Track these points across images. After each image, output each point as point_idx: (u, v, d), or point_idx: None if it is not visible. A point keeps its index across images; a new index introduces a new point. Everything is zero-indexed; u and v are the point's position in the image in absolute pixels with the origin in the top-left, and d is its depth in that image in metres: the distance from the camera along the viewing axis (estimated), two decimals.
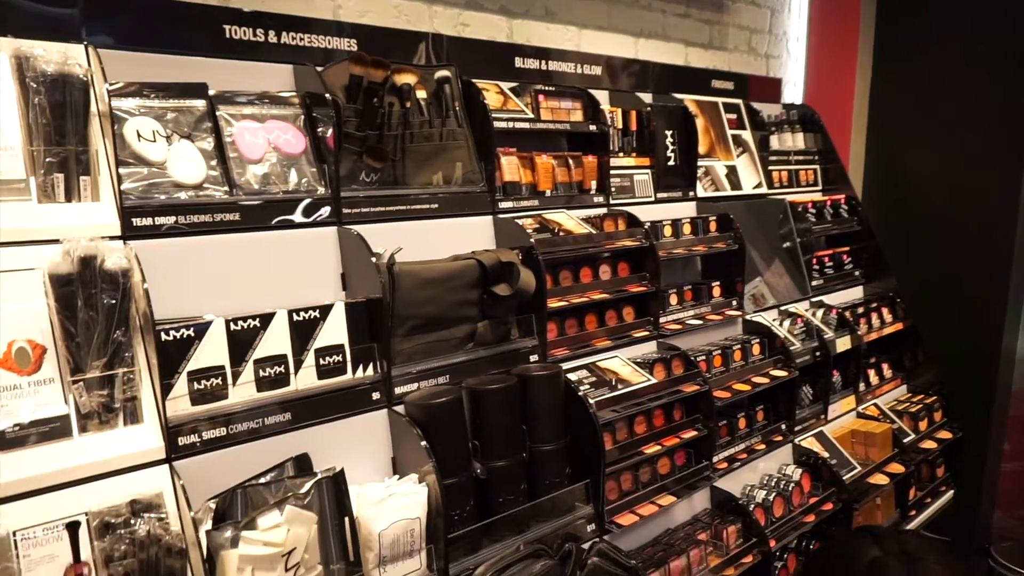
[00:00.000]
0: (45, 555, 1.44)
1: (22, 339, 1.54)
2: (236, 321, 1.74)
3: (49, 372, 1.55)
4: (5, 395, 1.50)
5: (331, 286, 2.07)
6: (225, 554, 1.52)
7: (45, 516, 1.46)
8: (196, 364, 1.67)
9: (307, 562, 1.62)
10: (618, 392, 2.38)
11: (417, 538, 1.82)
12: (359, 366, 1.93)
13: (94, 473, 1.53)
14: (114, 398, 1.58)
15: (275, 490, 1.66)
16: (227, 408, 1.70)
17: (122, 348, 1.59)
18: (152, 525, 1.48)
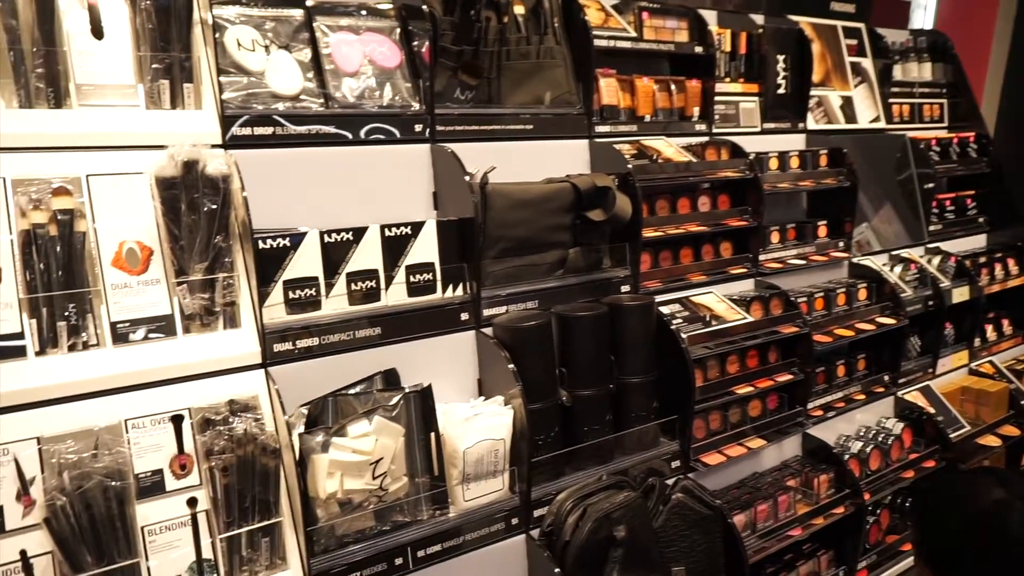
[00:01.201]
0: (153, 444, 1.52)
1: (132, 240, 1.60)
2: (330, 234, 1.74)
3: (156, 273, 1.61)
4: (117, 293, 1.56)
5: (423, 204, 2.04)
6: (316, 457, 1.56)
7: (152, 408, 1.53)
8: (291, 274, 1.69)
9: (393, 472, 1.64)
10: (712, 328, 2.28)
11: (501, 459, 1.82)
12: (448, 286, 1.91)
13: (196, 372, 1.59)
14: (215, 302, 1.62)
15: (364, 401, 1.68)
16: (320, 319, 1.72)
17: (222, 253, 1.62)
18: (248, 424, 1.53)
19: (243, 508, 1.52)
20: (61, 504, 1.36)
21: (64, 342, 1.50)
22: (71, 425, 1.46)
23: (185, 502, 1.50)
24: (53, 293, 1.50)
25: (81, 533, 1.38)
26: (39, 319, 1.49)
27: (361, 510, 1.63)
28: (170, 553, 1.48)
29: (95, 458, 1.44)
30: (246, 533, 1.53)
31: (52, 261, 1.50)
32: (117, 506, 1.41)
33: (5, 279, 1.48)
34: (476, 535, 1.80)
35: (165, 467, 1.51)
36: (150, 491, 1.49)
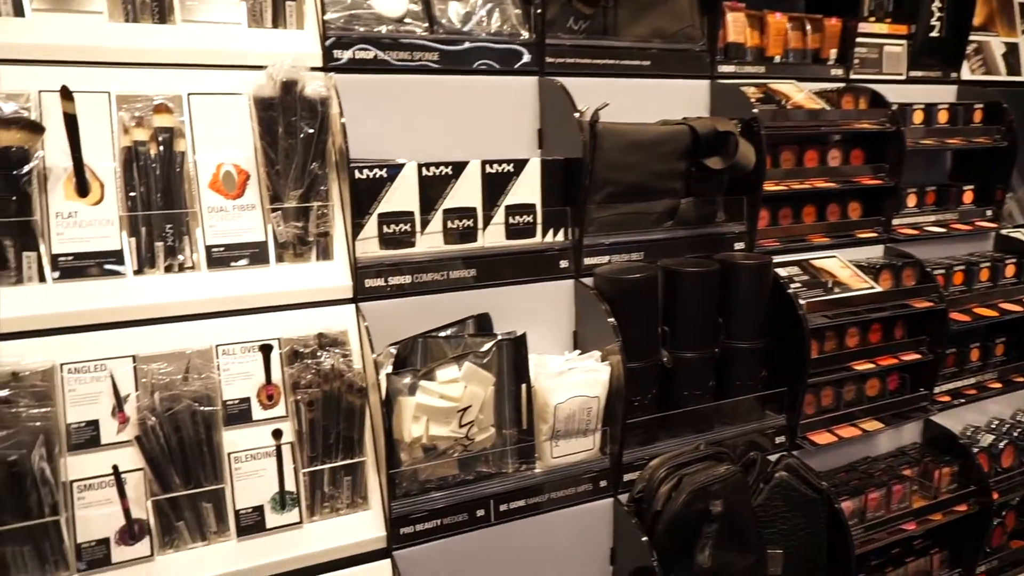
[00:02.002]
0: (242, 372, 1.49)
1: (229, 163, 1.55)
2: (428, 167, 1.64)
3: (251, 199, 1.56)
4: (213, 216, 1.53)
5: (526, 141, 1.91)
6: (403, 400, 1.50)
7: (242, 336, 1.50)
8: (387, 207, 1.61)
9: (481, 422, 1.56)
10: (833, 296, 2.07)
11: (593, 418, 1.70)
12: (549, 230, 1.79)
13: (287, 302, 1.55)
14: (308, 231, 1.56)
15: (454, 345, 1.60)
16: (413, 256, 1.64)
17: (317, 181, 1.56)
18: (336, 360, 1.48)
19: (327, 444, 1.48)
20: (152, 424, 1.35)
21: (161, 263, 1.48)
22: (164, 346, 1.45)
23: (271, 433, 1.47)
24: (152, 212, 1.47)
25: (170, 454, 1.37)
26: (138, 238, 1.47)
27: (445, 457, 1.57)
28: (254, 481, 1.46)
29: (186, 381, 1.42)
30: (329, 470, 1.49)
31: (152, 180, 1.48)
32: (204, 431, 1.40)
33: (107, 196, 1.46)
34: (561, 494, 1.71)
35: (253, 396, 1.49)
36: (237, 419, 1.47)
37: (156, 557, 1.39)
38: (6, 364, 1.35)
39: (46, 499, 1.31)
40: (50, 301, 1.40)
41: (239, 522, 1.44)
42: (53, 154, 1.43)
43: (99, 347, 1.41)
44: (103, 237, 1.45)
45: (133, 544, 1.38)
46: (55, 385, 1.38)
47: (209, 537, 1.43)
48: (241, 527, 1.44)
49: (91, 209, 1.45)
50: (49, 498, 1.31)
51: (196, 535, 1.42)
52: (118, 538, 1.37)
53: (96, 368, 1.41)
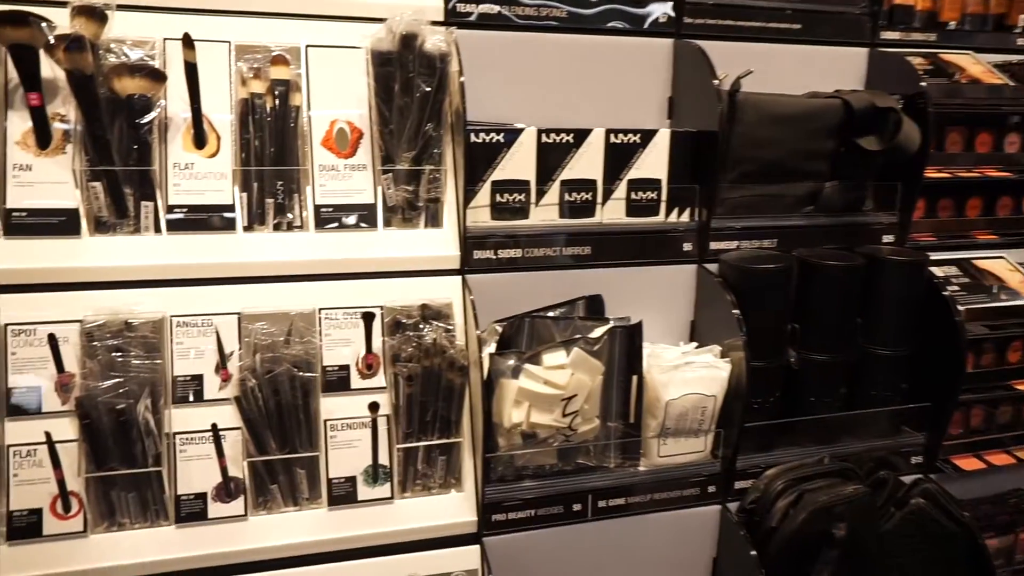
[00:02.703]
0: (343, 338, 1.45)
1: (343, 120, 1.49)
2: (548, 133, 1.52)
3: (363, 158, 1.50)
4: (324, 175, 1.48)
5: (655, 110, 1.75)
6: (505, 382, 1.41)
7: (345, 301, 1.46)
8: (502, 174, 1.51)
9: (585, 412, 1.46)
10: (998, 304, 1.80)
11: (707, 418, 1.56)
12: (674, 209, 1.63)
13: (392, 269, 1.48)
14: (418, 195, 1.49)
15: (563, 327, 1.49)
16: (526, 228, 1.54)
17: (431, 144, 1.47)
18: (439, 334, 1.41)
19: (423, 422, 1.42)
20: (251, 386, 1.33)
21: (270, 220, 1.45)
22: (269, 306, 1.42)
23: (367, 405, 1.42)
24: (265, 168, 1.44)
25: (267, 417, 1.35)
26: (250, 194, 1.44)
27: (545, 446, 1.47)
28: (348, 452, 1.42)
29: (287, 344, 1.39)
30: (423, 448, 1.43)
31: (266, 134, 1.44)
32: (302, 396, 1.37)
33: (223, 149, 1.43)
34: (666, 496, 1.59)
35: (352, 364, 1.44)
36: (335, 386, 1.43)
37: (249, 517, 1.38)
38: (121, 313, 1.36)
39: (150, 449, 1.32)
40: (164, 252, 1.39)
41: (331, 491, 1.41)
42: (174, 104, 1.42)
43: (207, 302, 1.40)
44: (217, 191, 1.43)
45: (229, 502, 1.37)
46: (164, 337, 1.38)
47: (301, 503, 1.41)
48: (333, 496, 1.41)
49: (207, 161, 1.43)
50: (152, 448, 1.32)
51: (289, 500, 1.40)
52: (215, 494, 1.37)
53: (203, 323, 1.40)
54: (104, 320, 1.35)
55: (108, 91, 1.34)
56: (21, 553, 1.30)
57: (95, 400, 1.27)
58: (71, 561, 1.31)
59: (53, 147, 1.37)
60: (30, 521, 1.30)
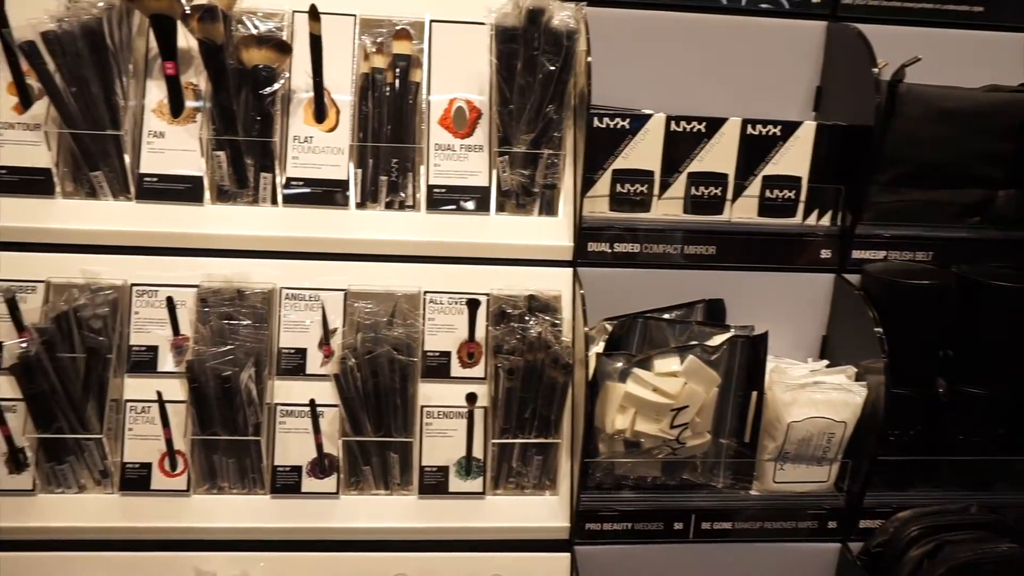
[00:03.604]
0: (446, 323, 1.41)
1: (462, 99, 1.44)
2: (679, 121, 1.40)
3: (479, 139, 1.44)
4: (439, 155, 1.43)
5: (800, 100, 1.59)
6: (611, 385, 1.32)
7: (451, 286, 1.41)
8: (624, 163, 1.41)
9: (696, 426, 1.34)
10: None
11: (834, 446, 1.40)
12: (814, 211, 1.47)
13: (501, 256, 1.42)
14: (534, 181, 1.41)
15: (679, 332, 1.38)
16: (646, 222, 1.43)
17: (551, 126, 1.39)
18: (545, 329, 1.33)
19: (522, 418, 1.35)
20: (351, 365, 1.31)
21: (383, 198, 1.42)
22: (374, 285, 1.39)
23: (465, 395, 1.37)
24: (381, 144, 1.41)
25: (364, 397, 1.33)
26: (364, 170, 1.42)
27: (649, 456, 1.37)
28: (443, 441, 1.38)
29: (390, 325, 1.36)
30: (519, 445, 1.37)
31: (384, 111, 1.41)
32: (400, 380, 1.33)
33: (341, 124, 1.42)
34: (778, 525, 1.45)
35: (453, 351, 1.40)
36: (435, 372, 1.39)
37: (341, 496, 1.37)
38: (234, 281, 1.38)
39: (251, 418, 1.33)
40: (278, 224, 1.40)
41: (423, 479, 1.38)
42: (297, 76, 1.41)
43: (315, 276, 1.40)
44: (333, 166, 1.42)
45: (322, 478, 1.37)
46: (273, 308, 1.38)
47: (392, 487, 1.39)
48: (424, 484, 1.38)
49: (325, 136, 1.42)
50: (254, 417, 1.33)
51: (380, 483, 1.38)
52: (309, 469, 1.37)
53: (311, 297, 1.40)
54: (218, 287, 1.37)
55: (236, 62, 1.35)
56: (131, 504, 1.35)
57: (204, 365, 1.29)
58: (174, 518, 1.35)
59: (184, 116, 1.40)
60: (140, 475, 1.35)
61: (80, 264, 1.37)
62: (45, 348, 1.29)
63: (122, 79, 1.37)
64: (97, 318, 1.34)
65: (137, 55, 1.40)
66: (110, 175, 1.38)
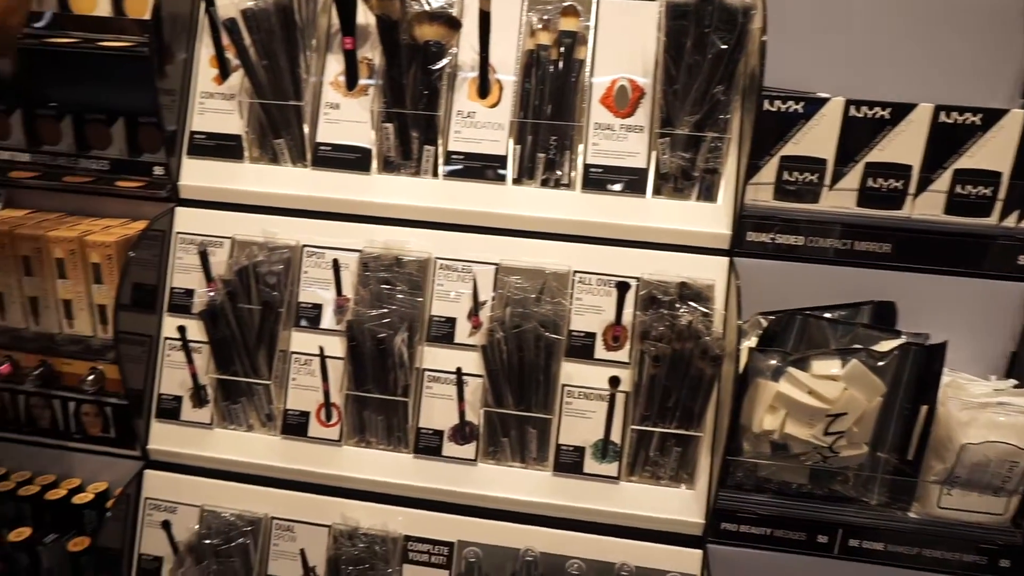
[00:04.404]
0: (593, 305, 1.40)
1: (625, 78, 1.41)
2: (859, 106, 1.30)
3: (640, 119, 1.41)
4: (597, 134, 1.42)
5: (1006, 86, 1.42)
6: (762, 383, 1.26)
7: (601, 267, 1.40)
8: (794, 149, 1.32)
9: (852, 436, 1.25)
10: None
11: (1016, 476, 1.25)
12: (1013, 212, 1.31)
13: (654, 240, 1.39)
14: (695, 164, 1.36)
15: (841, 334, 1.29)
16: (814, 213, 1.34)
17: (718, 108, 1.33)
18: (695, 317, 1.29)
19: (664, 407, 1.33)
20: (498, 337, 1.34)
21: (539, 175, 1.43)
22: (525, 261, 1.41)
23: (608, 378, 1.36)
24: (541, 121, 1.41)
25: (508, 370, 1.35)
26: (523, 147, 1.43)
27: (796, 461, 1.30)
28: (581, 421, 1.38)
29: (538, 302, 1.37)
30: (659, 434, 1.34)
31: (547, 88, 1.41)
32: (545, 357, 1.34)
33: (504, 100, 1.44)
34: (939, 555, 1.32)
35: (599, 333, 1.39)
36: (579, 352, 1.39)
37: (479, 463, 1.42)
38: (394, 248, 1.45)
39: (400, 380, 1.40)
40: (438, 196, 1.45)
41: (558, 457, 1.39)
42: (464, 52, 1.45)
43: (469, 249, 1.43)
44: (493, 141, 1.44)
45: (462, 445, 1.42)
46: (428, 277, 1.44)
47: (528, 461, 1.41)
48: (559, 463, 1.39)
49: (487, 111, 1.45)
50: (403, 379, 1.40)
51: (516, 456, 1.41)
52: (450, 434, 1.42)
53: (463, 269, 1.44)
54: (379, 253, 1.44)
55: (408, 37, 1.40)
56: (290, 447, 1.47)
57: (362, 325, 1.37)
58: (326, 464, 1.45)
59: (358, 89, 1.48)
60: (299, 421, 1.46)
61: (261, 224, 1.49)
62: (228, 298, 1.42)
63: (305, 53, 1.46)
64: (272, 274, 1.45)
65: (320, 31, 1.49)
66: (291, 142, 1.49)
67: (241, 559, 1.43)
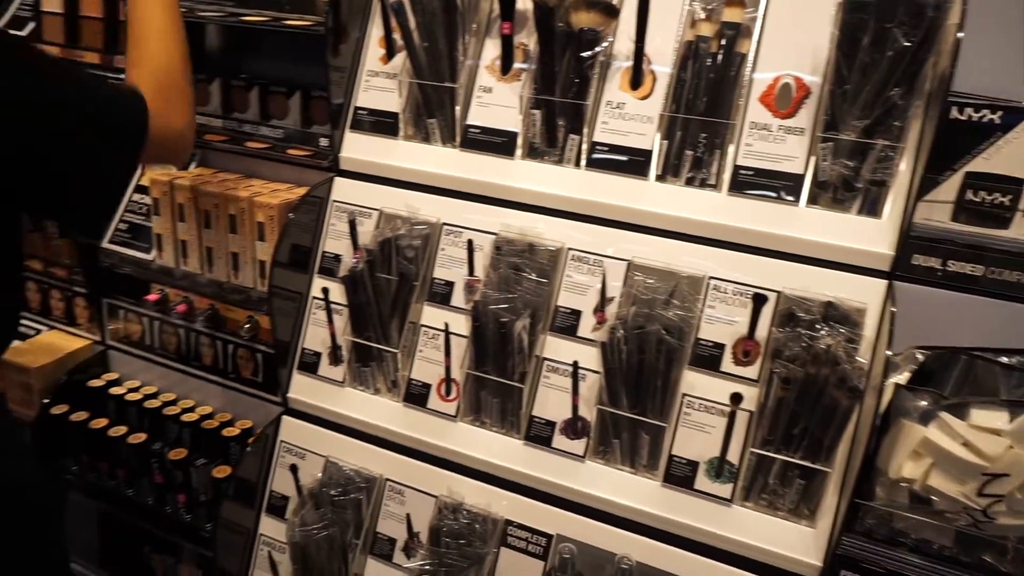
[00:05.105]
0: (726, 315, 1.32)
1: (790, 75, 1.30)
2: None
3: (802, 121, 1.30)
4: (752, 134, 1.33)
5: None
6: (908, 425, 1.12)
7: (739, 276, 1.31)
8: (984, 165, 1.16)
9: (1014, 503, 1.08)
10: None
11: None
12: None
13: (803, 253, 1.28)
14: (859, 174, 1.23)
15: (1017, 383, 1.11)
16: (1000, 241, 1.17)
17: (893, 113, 1.19)
18: (838, 343, 1.17)
19: (789, 433, 1.22)
20: (619, 336, 1.30)
21: (684, 173, 1.37)
22: (659, 260, 1.36)
23: (730, 394, 1.28)
24: (692, 117, 1.35)
25: (626, 371, 1.31)
26: (670, 142, 1.37)
27: (940, 520, 1.15)
28: (698, 435, 1.31)
29: (667, 305, 1.32)
30: (781, 462, 1.24)
31: (702, 82, 1.34)
32: (665, 363, 1.29)
33: (655, 92, 1.39)
34: None
35: (728, 345, 1.31)
36: (703, 362, 1.31)
37: (587, 461, 1.39)
38: (528, 235, 1.45)
39: (518, 366, 1.40)
40: (577, 186, 1.43)
41: (670, 467, 1.33)
42: (620, 41, 1.41)
43: (603, 242, 1.41)
44: (639, 134, 1.40)
45: (572, 439, 1.40)
46: (558, 266, 1.43)
47: (637, 467, 1.36)
48: (670, 473, 1.33)
49: (637, 103, 1.40)
50: (521, 366, 1.40)
51: (626, 459, 1.37)
52: (562, 427, 1.40)
53: (594, 262, 1.41)
54: (513, 237, 1.45)
55: (565, 24, 1.39)
56: (409, 415, 1.53)
57: (487, 307, 1.39)
58: (441, 437, 1.49)
59: (512, 74, 1.49)
60: (421, 392, 1.52)
61: (407, 199, 1.56)
62: (368, 267, 1.50)
63: (464, 37, 1.49)
64: (411, 248, 1.51)
65: (481, 15, 1.51)
66: (442, 123, 1.54)
67: (353, 512, 1.51)
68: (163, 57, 1.26)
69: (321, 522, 1.50)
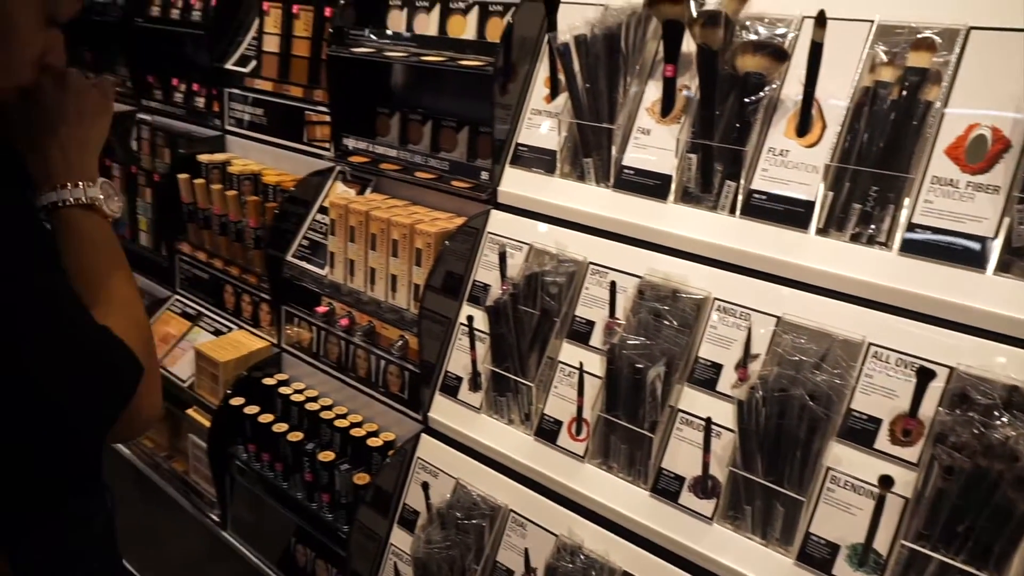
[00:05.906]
0: (885, 386, 1.19)
1: (987, 125, 1.16)
2: None
3: (997, 178, 1.15)
4: (934, 189, 1.20)
5: None
6: None
7: (904, 345, 1.18)
8: None
9: None
10: None
11: None
12: None
13: (986, 327, 1.13)
14: None
15: None
16: None
17: None
18: (1019, 435, 1.01)
19: (951, 531, 1.07)
20: (759, 397, 1.22)
21: (849, 228, 1.26)
22: (812, 319, 1.26)
23: (879, 477, 1.14)
24: (864, 168, 1.24)
25: (762, 436, 1.23)
26: (836, 193, 1.28)
27: None
28: (841, 515, 1.19)
29: (817, 369, 1.22)
30: (938, 562, 1.08)
31: (878, 130, 1.24)
32: (807, 431, 1.19)
33: (824, 140, 1.30)
34: None
35: (886, 421, 1.18)
36: (855, 436, 1.19)
37: (715, 524, 1.31)
38: (672, 280, 1.41)
39: (649, 415, 1.36)
40: (731, 235, 1.37)
41: (805, 546, 1.21)
42: (789, 85, 1.34)
43: (752, 295, 1.33)
44: (801, 183, 1.32)
45: (701, 499, 1.33)
46: (702, 316, 1.38)
47: (769, 539, 1.26)
48: (805, 553, 1.21)
49: (802, 151, 1.33)
50: (652, 415, 1.36)
51: (758, 529, 1.27)
52: (691, 484, 1.34)
53: (741, 315, 1.34)
54: (657, 282, 1.42)
55: (730, 67, 1.35)
56: (539, 450, 1.53)
57: (623, 351, 1.37)
58: (567, 476, 1.48)
59: (671, 116, 1.47)
60: (552, 429, 1.52)
61: (556, 236, 1.58)
62: (512, 300, 1.53)
63: (626, 79, 1.50)
64: (555, 285, 1.53)
65: (645, 56, 1.51)
66: (598, 162, 1.55)
67: (476, 537, 1.54)
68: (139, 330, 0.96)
69: (445, 542, 1.54)
